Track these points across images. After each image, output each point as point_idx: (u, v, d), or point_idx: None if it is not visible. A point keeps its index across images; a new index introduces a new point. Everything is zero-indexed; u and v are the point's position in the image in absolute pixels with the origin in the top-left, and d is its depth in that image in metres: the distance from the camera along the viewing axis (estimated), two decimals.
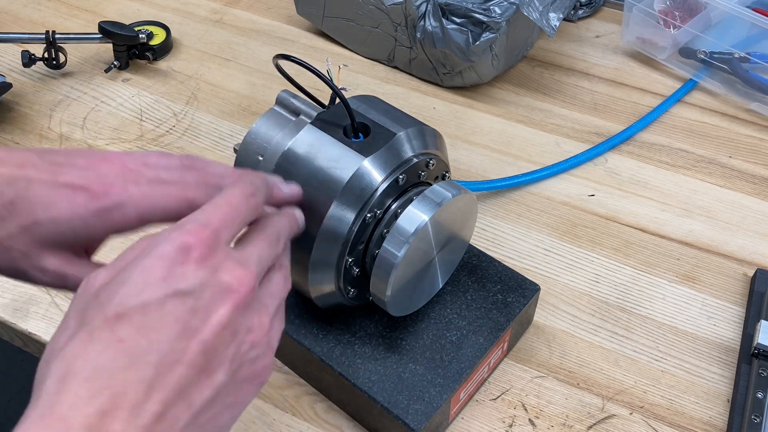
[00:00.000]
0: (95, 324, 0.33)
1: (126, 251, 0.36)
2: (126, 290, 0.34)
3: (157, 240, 0.36)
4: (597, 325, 0.66)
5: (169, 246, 0.35)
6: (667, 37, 0.89)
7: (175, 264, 0.35)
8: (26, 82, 0.90)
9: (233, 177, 0.43)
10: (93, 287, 0.35)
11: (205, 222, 0.36)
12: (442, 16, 0.82)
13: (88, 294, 0.35)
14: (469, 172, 0.79)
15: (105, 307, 0.34)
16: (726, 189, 0.78)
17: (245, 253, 0.38)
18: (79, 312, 0.35)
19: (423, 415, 0.53)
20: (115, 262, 0.36)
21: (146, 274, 0.34)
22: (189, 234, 0.35)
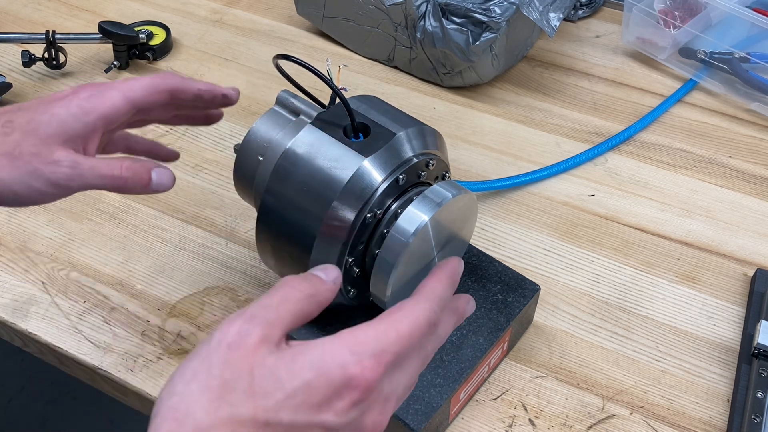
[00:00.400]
0: (243, 414, 0.33)
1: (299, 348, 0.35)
2: (284, 400, 0.34)
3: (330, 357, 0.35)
4: (597, 325, 0.66)
5: (339, 374, 0.35)
6: (667, 37, 0.89)
7: (335, 397, 0.35)
8: (26, 82, 0.90)
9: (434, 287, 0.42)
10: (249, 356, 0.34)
11: (381, 357, 0.36)
12: (442, 16, 0.82)
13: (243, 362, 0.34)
14: (469, 172, 0.79)
15: (257, 402, 0.33)
16: (726, 189, 0.78)
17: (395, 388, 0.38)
18: (227, 379, 0.34)
19: (423, 415, 0.53)
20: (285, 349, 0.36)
21: (307, 393, 0.34)
22: (361, 370, 0.35)
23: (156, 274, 0.69)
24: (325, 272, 0.40)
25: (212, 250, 0.71)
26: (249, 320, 0.35)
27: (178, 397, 0.34)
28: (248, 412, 0.33)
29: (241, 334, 0.35)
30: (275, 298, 0.37)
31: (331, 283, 0.39)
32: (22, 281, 0.68)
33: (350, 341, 0.36)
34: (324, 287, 0.39)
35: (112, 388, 0.63)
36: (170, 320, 0.65)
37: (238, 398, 0.33)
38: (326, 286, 0.39)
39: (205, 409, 0.33)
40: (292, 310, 0.37)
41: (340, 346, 0.35)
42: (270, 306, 0.36)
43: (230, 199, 0.76)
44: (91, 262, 0.70)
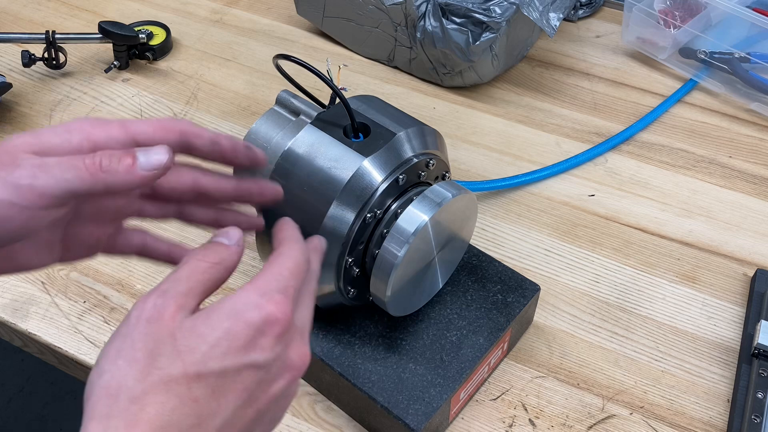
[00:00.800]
0: (172, 373, 0.34)
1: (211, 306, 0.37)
2: (209, 350, 0.35)
3: (243, 303, 0.37)
4: (597, 325, 0.66)
5: (257, 315, 0.36)
6: (667, 37, 0.89)
7: (258, 335, 0.36)
8: (26, 82, 0.90)
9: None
10: (167, 325, 0.36)
11: (286, 292, 0.38)
12: (442, 16, 0.82)
13: (163, 330, 0.35)
14: (469, 172, 0.79)
15: (185, 359, 0.35)
16: (726, 189, 0.78)
17: (305, 321, 0.40)
18: (151, 348, 0.35)
19: (423, 415, 0.53)
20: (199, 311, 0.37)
21: (231, 339, 0.36)
22: (275, 305, 0.37)
23: (156, 274, 0.69)
24: (227, 237, 0.41)
25: None
26: (162, 294, 0.37)
27: (107, 374, 0.35)
28: (178, 369, 0.34)
29: (156, 307, 0.36)
30: (184, 271, 0.38)
31: (235, 245, 0.41)
32: (22, 281, 0.68)
33: (254, 287, 0.38)
34: (228, 252, 0.40)
35: None
36: None
37: (165, 361, 0.35)
38: (230, 250, 0.40)
39: (136, 378, 0.34)
40: (201, 279, 0.38)
41: (247, 293, 0.37)
42: (180, 279, 0.38)
43: None
44: (91, 262, 0.70)
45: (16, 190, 0.38)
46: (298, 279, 0.39)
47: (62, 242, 0.44)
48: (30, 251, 0.42)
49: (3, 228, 0.38)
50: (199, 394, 0.34)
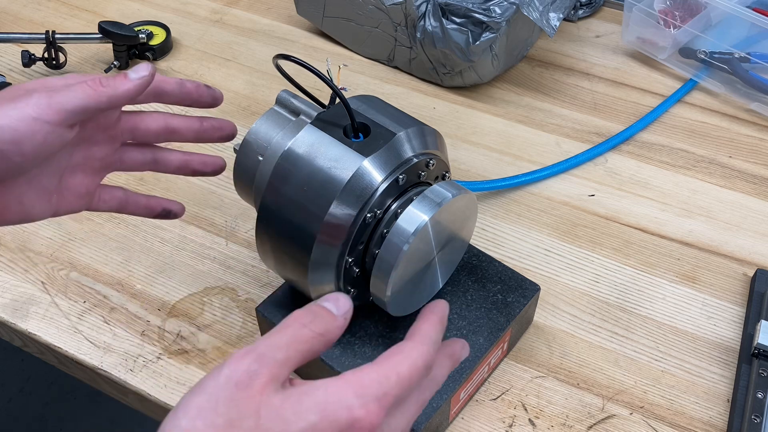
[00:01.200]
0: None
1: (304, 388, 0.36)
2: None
3: (336, 399, 0.35)
4: (597, 325, 0.66)
5: (344, 416, 0.35)
6: (667, 37, 0.89)
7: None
8: (26, 82, 0.90)
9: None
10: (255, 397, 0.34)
11: (384, 400, 0.36)
12: (442, 16, 0.82)
13: (250, 402, 0.34)
14: (469, 172, 0.79)
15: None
16: (726, 189, 0.78)
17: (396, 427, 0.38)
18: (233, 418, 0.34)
19: (423, 415, 0.53)
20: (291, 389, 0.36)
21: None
22: (365, 413, 0.35)
23: (156, 274, 0.69)
24: (337, 305, 0.39)
25: (212, 250, 0.71)
26: (258, 359, 0.35)
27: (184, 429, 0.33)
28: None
29: (249, 373, 0.35)
30: (285, 336, 0.37)
31: (342, 318, 0.39)
32: (22, 281, 0.68)
33: (354, 384, 0.36)
34: (334, 324, 0.38)
35: (112, 388, 0.63)
36: (170, 320, 0.65)
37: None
38: (337, 323, 0.39)
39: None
40: (301, 349, 0.37)
41: (344, 389, 0.36)
42: (279, 346, 0.36)
43: (230, 199, 0.76)
44: (91, 262, 0.70)
45: (37, 107, 0.45)
46: (404, 387, 0.37)
47: (58, 191, 0.52)
48: (33, 196, 0.50)
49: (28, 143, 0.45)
50: None
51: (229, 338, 0.64)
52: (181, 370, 0.62)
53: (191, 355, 0.63)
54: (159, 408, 0.61)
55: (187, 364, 0.62)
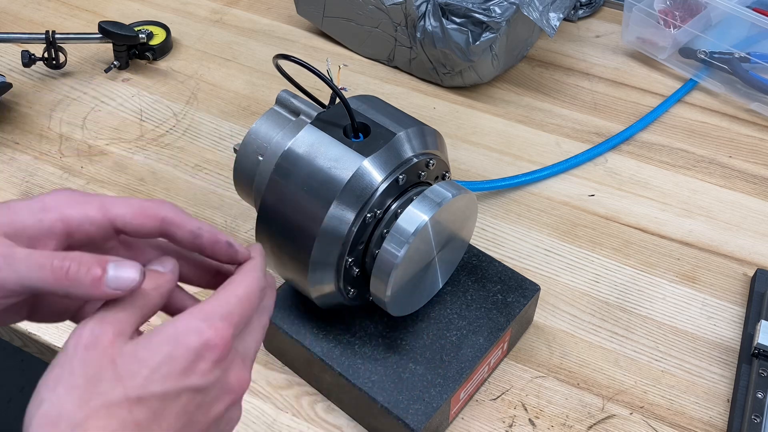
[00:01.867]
0: (113, 398, 0.35)
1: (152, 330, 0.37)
2: (150, 374, 0.36)
3: (184, 327, 0.37)
4: (597, 325, 0.66)
5: (196, 340, 0.37)
6: (667, 37, 0.89)
7: (197, 359, 0.37)
8: (26, 82, 0.90)
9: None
10: (107, 351, 0.36)
11: (229, 318, 0.38)
12: (442, 16, 0.82)
13: (102, 356, 0.35)
14: (469, 172, 0.79)
15: (125, 383, 0.35)
16: (726, 189, 0.78)
17: (248, 348, 0.41)
18: (91, 374, 0.35)
19: (423, 415, 0.53)
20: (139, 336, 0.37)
21: (171, 363, 0.36)
22: (214, 331, 0.37)
23: None
24: (162, 264, 0.41)
25: None
26: (99, 321, 0.36)
27: (47, 403, 0.34)
28: (119, 394, 0.35)
29: (94, 334, 0.36)
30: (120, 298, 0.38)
31: (170, 272, 0.41)
32: None
33: (198, 311, 0.38)
34: (164, 279, 0.40)
35: None
36: None
37: (106, 386, 0.35)
38: (165, 277, 0.40)
39: (76, 404, 0.34)
40: (138, 304, 0.38)
41: (189, 317, 0.38)
42: (116, 305, 0.38)
43: (230, 199, 0.76)
44: None
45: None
46: (245, 307, 0.39)
47: (29, 307, 0.42)
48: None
49: None
50: (140, 418, 0.35)
51: None
52: None
53: None
54: None
55: None
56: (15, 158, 0.80)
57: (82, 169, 0.79)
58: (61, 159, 0.80)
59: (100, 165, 0.80)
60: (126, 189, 0.77)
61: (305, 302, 0.59)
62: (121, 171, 0.79)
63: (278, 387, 0.61)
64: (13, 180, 0.78)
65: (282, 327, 0.58)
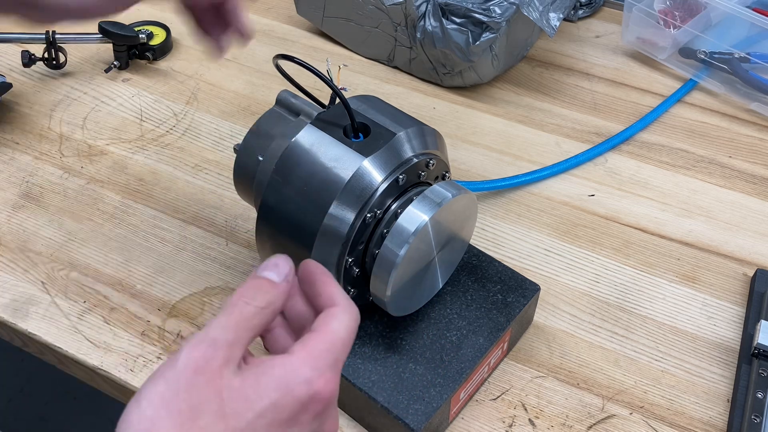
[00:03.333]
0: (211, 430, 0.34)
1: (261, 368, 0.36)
2: (254, 420, 0.35)
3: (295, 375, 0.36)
4: (597, 325, 0.66)
5: (305, 391, 0.36)
6: (667, 37, 0.89)
7: (303, 410, 0.36)
8: (26, 82, 0.90)
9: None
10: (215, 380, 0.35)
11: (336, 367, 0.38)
12: (442, 16, 0.82)
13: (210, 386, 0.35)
14: (469, 172, 0.79)
15: (228, 423, 0.34)
16: (726, 189, 0.78)
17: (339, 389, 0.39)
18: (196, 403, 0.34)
19: (423, 415, 0.53)
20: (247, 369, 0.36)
21: (277, 411, 0.35)
22: (324, 383, 0.37)
23: (156, 274, 0.69)
24: (277, 271, 0.40)
25: (212, 250, 0.71)
26: (212, 344, 0.36)
27: (147, 423, 0.34)
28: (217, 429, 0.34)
29: (206, 358, 0.35)
30: (233, 317, 0.37)
31: (284, 283, 0.40)
32: (22, 281, 0.68)
33: (308, 358, 0.37)
34: (277, 292, 0.39)
35: (112, 388, 0.63)
36: (170, 320, 0.65)
37: (208, 421, 0.34)
38: (279, 289, 0.39)
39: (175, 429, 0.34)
40: (250, 326, 0.38)
41: (300, 364, 0.37)
42: (229, 327, 0.37)
43: (230, 199, 0.76)
44: (91, 262, 0.70)
45: None
46: (347, 351, 0.39)
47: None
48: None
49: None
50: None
51: None
52: None
53: None
54: None
55: None
56: (15, 158, 0.80)
57: (82, 169, 0.79)
58: (61, 159, 0.80)
59: (100, 165, 0.80)
60: (126, 189, 0.77)
61: None
62: (121, 171, 0.79)
63: None
64: (13, 180, 0.78)
65: None
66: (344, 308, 0.40)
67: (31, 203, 0.76)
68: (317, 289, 0.41)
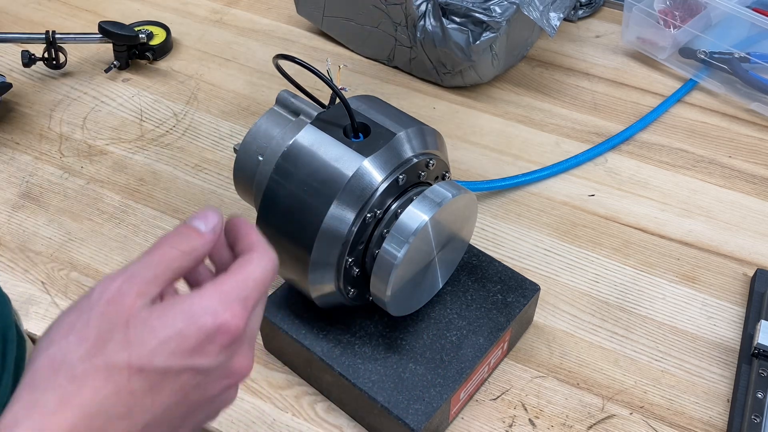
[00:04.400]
0: (117, 361, 0.35)
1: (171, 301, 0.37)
2: (157, 347, 0.35)
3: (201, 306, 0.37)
4: (597, 325, 0.66)
5: (210, 322, 0.36)
6: (667, 37, 0.89)
7: (207, 341, 0.36)
8: (26, 82, 0.90)
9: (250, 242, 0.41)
10: (125, 311, 0.36)
11: (245, 303, 0.38)
12: (443, 15, 0.82)
13: (119, 315, 0.36)
14: (469, 172, 0.79)
15: (131, 351, 0.35)
16: (726, 189, 0.78)
17: (254, 330, 0.40)
18: (104, 331, 0.35)
19: (423, 415, 0.53)
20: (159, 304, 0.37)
21: (180, 340, 0.36)
22: (231, 316, 0.37)
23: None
24: (205, 221, 0.40)
25: None
26: (128, 279, 0.37)
27: (55, 347, 0.35)
28: (123, 359, 0.35)
29: (120, 291, 0.36)
30: (155, 257, 0.38)
31: (210, 233, 0.40)
32: (22, 281, 0.68)
33: (216, 292, 0.37)
34: (203, 241, 0.40)
35: None
36: None
37: (113, 347, 0.35)
38: (205, 238, 0.40)
39: (81, 357, 0.35)
40: (170, 267, 0.38)
41: (207, 297, 0.37)
42: (149, 265, 0.38)
43: (230, 199, 0.76)
44: (91, 262, 0.70)
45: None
46: (260, 291, 0.39)
47: None
48: None
49: None
50: (136, 387, 0.35)
51: None
52: None
53: None
54: None
55: None
56: (15, 158, 0.80)
57: (82, 169, 0.79)
58: (61, 159, 0.80)
59: (100, 165, 0.80)
60: (126, 189, 0.77)
61: (305, 302, 0.59)
62: (121, 171, 0.79)
63: (278, 387, 0.61)
64: (13, 180, 0.78)
65: (282, 327, 0.58)
66: (261, 253, 0.40)
67: (31, 203, 0.76)
68: (239, 237, 0.42)
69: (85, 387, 0.34)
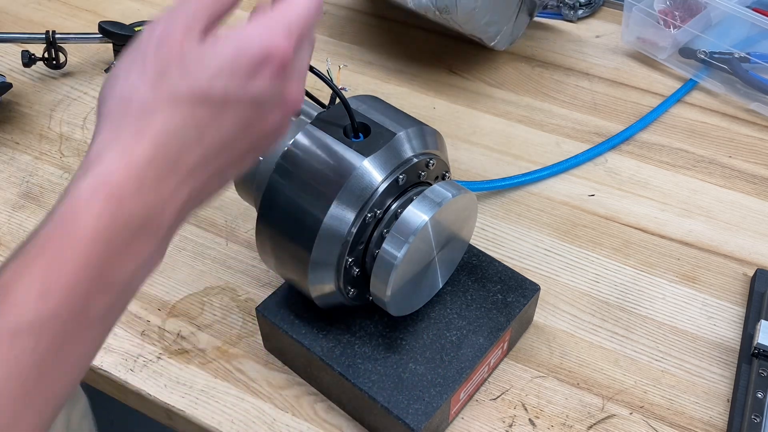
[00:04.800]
0: (180, 91, 0.37)
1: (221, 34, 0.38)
2: (214, 75, 0.37)
3: (248, 34, 0.38)
4: (597, 325, 0.66)
5: (258, 47, 0.38)
6: (667, 37, 0.89)
7: (260, 67, 0.38)
8: (26, 82, 0.90)
9: None
10: (177, 47, 0.37)
11: (291, 30, 0.39)
12: None
13: (173, 51, 0.37)
14: (469, 172, 0.79)
15: (191, 80, 0.37)
16: (726, 189, 0.78)
17: (303, 65, 0.42)
18: (162, 66, 0.37)
19: (423, 415, 0.53)
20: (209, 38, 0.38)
21: (234, 67, 0.38)
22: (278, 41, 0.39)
23: (156, 274, 0.69)
24: None
25: (212, 250, 0.71)
26: (171, 19, 0.38)
27: (119, 87, 0.38)
28: (185, 89, 0.37)
29: (167, 31, 0.38)
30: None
31: None
32: None
33: (264, 19, 0.39)
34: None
35: (112, 387, 0.63)
36: (170, 320, 0.65)
37: (173, 80, 0.37)
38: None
39: (146, 92, 0.37)
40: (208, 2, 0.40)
41: (253, 26, 0.39)
42: (187, 3, 0.39)
43: (230, 199, 0.76)
44: None
45: None
46: (308, 23, 0.40)
47: None
48: None
49: None
50: (201, 116, 0.37)
51: (229, 338, 0.64)
52: (181, 370, 0.62)
53: (191, 355, 0.63)
54: (159, 408, 0.61)
55: (188, 364, 0.62)
56: (15, 158, 0.80)
57: None
58: (61, 159, 0.80)
59: None
60: None
61: (305, 302, 0.59)
62: None
63: (278, 387, 0.61)
64: (13, 180, 0.78)
65: (282, 327, 0.58)
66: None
67: (31, 203, 0.76)
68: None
69: (155, 119, 0.36)
